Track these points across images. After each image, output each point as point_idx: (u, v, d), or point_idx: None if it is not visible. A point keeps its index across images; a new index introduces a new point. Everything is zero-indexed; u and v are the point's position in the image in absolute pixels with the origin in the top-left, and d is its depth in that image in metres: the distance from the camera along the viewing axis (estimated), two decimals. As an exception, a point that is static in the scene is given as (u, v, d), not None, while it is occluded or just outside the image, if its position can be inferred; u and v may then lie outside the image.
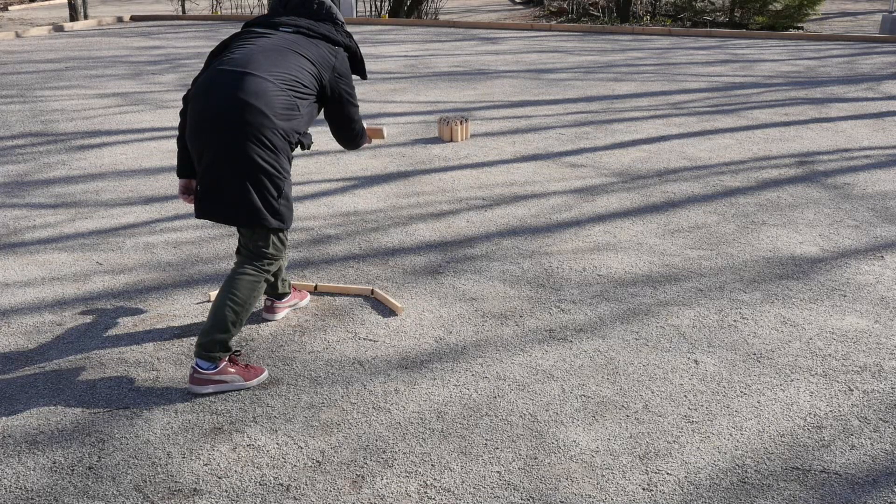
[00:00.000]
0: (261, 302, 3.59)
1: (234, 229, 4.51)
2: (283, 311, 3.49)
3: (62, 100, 7.85)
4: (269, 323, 3.44)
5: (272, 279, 3.26)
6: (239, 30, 3.13)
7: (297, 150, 3.11)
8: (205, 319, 3.45)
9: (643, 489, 2.44)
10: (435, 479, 2.49)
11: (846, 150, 6.10)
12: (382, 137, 3.55)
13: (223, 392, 2.92)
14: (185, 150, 3.05)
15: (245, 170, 2.83)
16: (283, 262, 3.38)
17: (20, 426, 2.75)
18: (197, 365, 2.90)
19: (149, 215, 4.75)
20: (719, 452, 2.61)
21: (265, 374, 3.02)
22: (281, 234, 3.05)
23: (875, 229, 4.53)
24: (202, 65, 3.08)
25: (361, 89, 7.53)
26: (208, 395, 2.91)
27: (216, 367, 2.90)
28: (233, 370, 2.94)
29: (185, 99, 3.03)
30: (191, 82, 3.08)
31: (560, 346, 3.28)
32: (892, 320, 3.49)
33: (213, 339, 2.88)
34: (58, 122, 6.99)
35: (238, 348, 3.11)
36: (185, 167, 3.10)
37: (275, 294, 3.44)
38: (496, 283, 3.84)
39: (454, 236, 4.43)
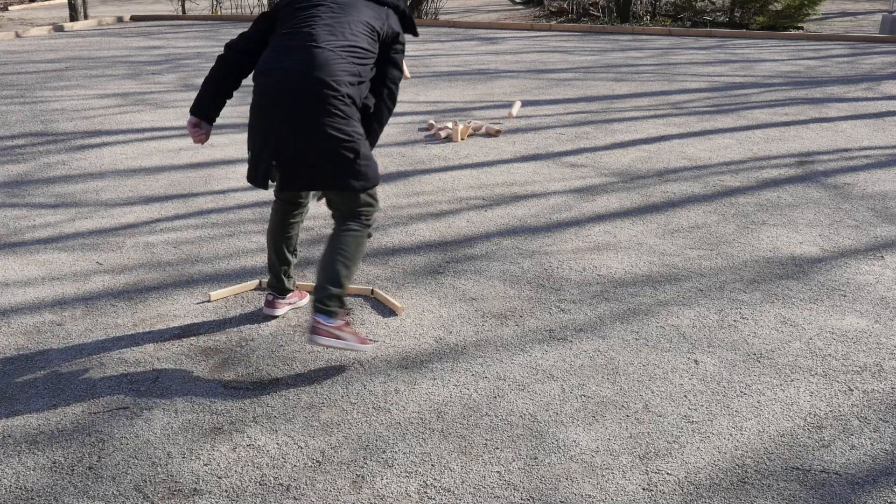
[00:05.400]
0: (259, 301, 3.60)
1: (234, 228, 4.52)
2: (284, 308, 3.49)
3: (62, 100, 7.85)
4: (269, 323, 3.44)
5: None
6: None
7: None
8: (205, 319, 3.45)
9: (643, 489, 2.44)
10: (435, 479, 2.49)
11: (846, 150, 6.10)
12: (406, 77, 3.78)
13: (339, 349, 3.03)
14: (212, 94, 3.18)
15: (321, 141, 2.94)
16: (293, 258, 3.43)
17: (20, 426, 2.75)
18: (316, 317, 2.96)
19: (149, 215, 4.75)
20: (719, 452, 2.61)
21: (372, 346, 3.15)
22: (370, 191, 3.13)
23: (875, 229, 4.53)
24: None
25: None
26: (326, 347, 3.00)
27: (335, 323, 2.97)
28: (349, 331, 3.02)
29: (229, 47, 3.16)
30: (244, 33, 3.22)
31: (560, 346, 3.28)
32: (892, 320, 3.49)
33: (329, 293, 2.97)
34: (58, 122, 6.99)
35: (348, 311, 3.18)
36: (204, 109, 3.21)
37: (279, 289, 3.46)
38: (496, 283, 3.84)
39: (454, 236, 4.44)
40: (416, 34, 3.37)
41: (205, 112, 3.22)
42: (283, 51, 3.01)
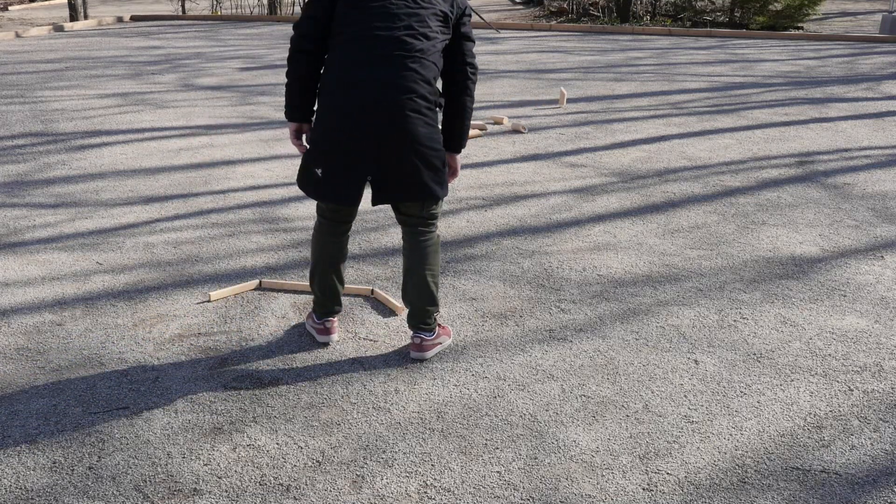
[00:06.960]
0: (260, 301, 3.59)
1: (234, 228, 4.52)
2: (337, 332, 3.33)
3: (62, 100, 7.85)
4: (269, 323, 3.44)
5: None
6: None
7: None
8: (205, 320, 3.45)
9: (643, 489, 2.44)
10: (435, 479, 2.49)
11: (846, 150, 6.10)
12: None
13: (439, 351, 3.21)
14: (305, 90, 3.02)
15: (418, 155, 2.92)
16: (340, 287, 3.25)
17: (20, 426, 2.75)
18: (421, 336, 3.14)
19: (149, 215, 4.75)
20: (719, 452, 2.61)
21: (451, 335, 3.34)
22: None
23: (875, 229, 4.53)
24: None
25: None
26: (431, 357, 3.17)
27: (436, 333, 3.19)
28: (443, 331, 3.25)
29: (305, 38, 2.95)
30: (309, 17, 2.96)
31: (560, 346, 3.28)
32: (892, 320, 3.49)
33: (428, 312, 3.11)
34: (58, 122, 6.99)
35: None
36: (302, 110, 3.06)
37: (337, 311, 3.30)
38: (496, 283, 3.84)
39: (454, 236, 4.44)
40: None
41: (305, 114, 3.07)
42: (367, 60, 2.85)
